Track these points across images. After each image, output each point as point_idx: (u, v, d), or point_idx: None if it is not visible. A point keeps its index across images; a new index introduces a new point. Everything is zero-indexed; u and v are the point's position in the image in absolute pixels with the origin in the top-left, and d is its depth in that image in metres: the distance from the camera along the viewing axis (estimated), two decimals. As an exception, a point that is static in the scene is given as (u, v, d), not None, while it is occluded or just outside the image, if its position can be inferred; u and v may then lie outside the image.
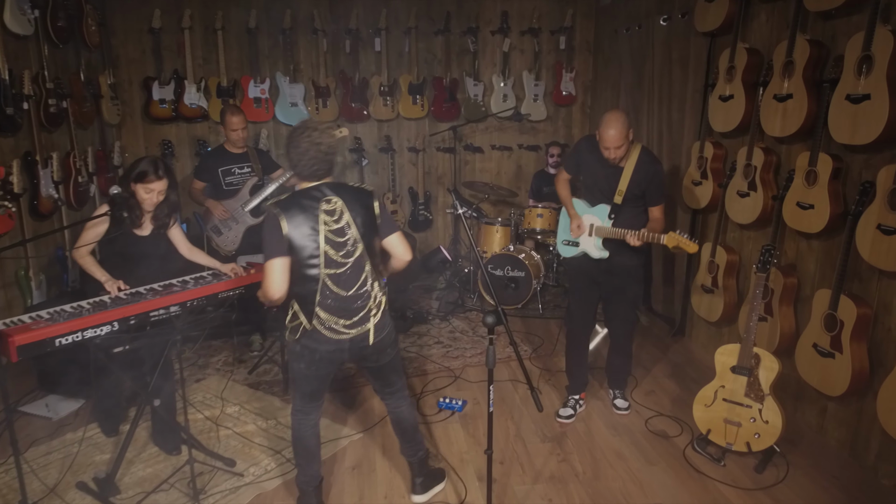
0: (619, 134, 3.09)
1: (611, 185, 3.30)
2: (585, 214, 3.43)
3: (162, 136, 5.73)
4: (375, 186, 6.25)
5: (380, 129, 6.18)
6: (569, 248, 3.53)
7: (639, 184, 3.26)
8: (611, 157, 3.16)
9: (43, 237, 4.20)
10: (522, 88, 6.29)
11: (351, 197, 2.48)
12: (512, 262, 5.24)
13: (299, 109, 5.81)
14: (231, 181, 4.29)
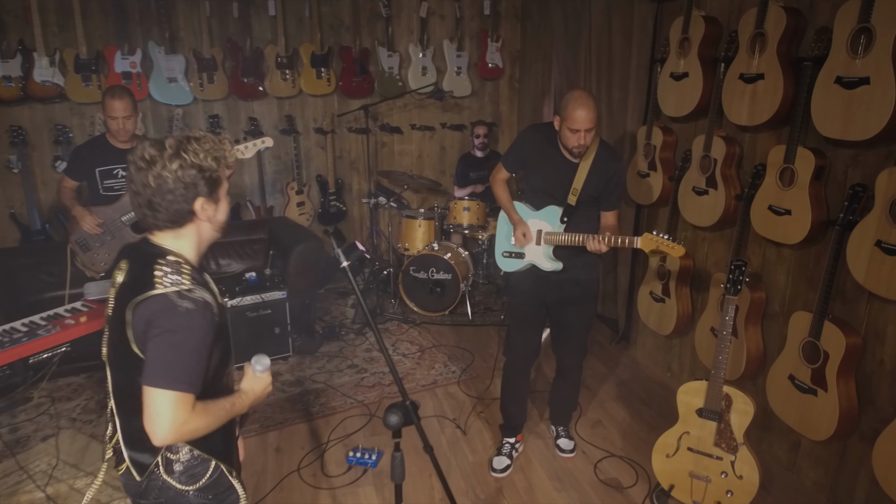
0: (592, 113, 2.50)
1: (564, 184, 2.69)
2: (531, 219, 2.80)
3: (10, 121, 4.67)
4: (279, 174, 5.42)
5: (280, 108, 5.32)
6: (511, 261, 2.89)
7: (596, 184, 2.66)
8: (580, 142, 2.54)
9: None
10: (444, 60, 5.56)
11: (128, 280, 1.49)
12: (437, 264, 4.58)
13: (180, 86, 4.88)
14: (111, 185, 3.37)
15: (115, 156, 3.37)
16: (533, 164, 2.78)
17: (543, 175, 2.75)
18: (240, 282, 3.98)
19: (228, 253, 4.55)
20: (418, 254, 4.63)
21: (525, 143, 2.80)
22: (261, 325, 3.91)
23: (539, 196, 2.80)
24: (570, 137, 2.54)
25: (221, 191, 1.55)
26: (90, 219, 3.27)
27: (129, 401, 1.47)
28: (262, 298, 3.89)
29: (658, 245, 2.42)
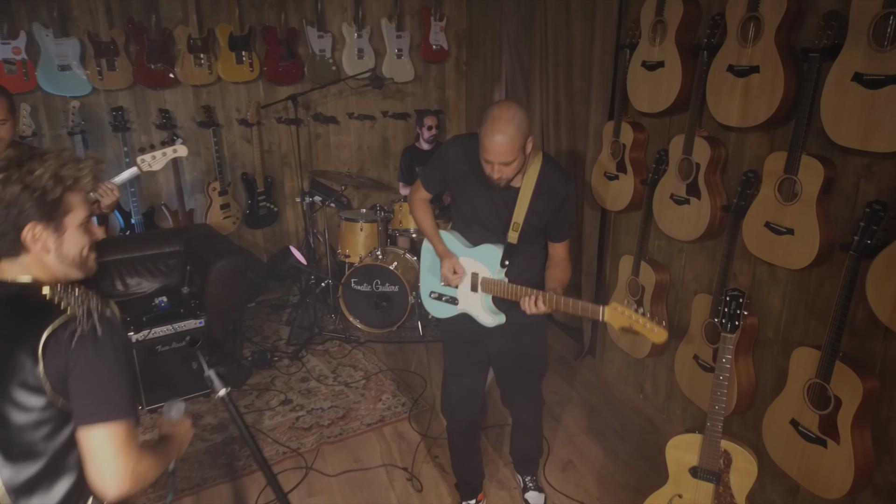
0: (510, 142, 1.93)
1: (501, 215, 2.19)
2: (464, 258, 2.29)
3: None
4: (199, 173, 4.78)
5: (196, 98, 4.66)
6: (441, 306, 2.40)
7: (542, 213, 2.16)
8: (494, 176, 2.03)
9: None
10: (382, 41, 4.99)
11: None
12: (381, 275, 4.08)
13: (74, 74, 4.16)
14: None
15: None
16: (460, 188, 2.25)
17: (474, 203, 2.23)
18: (148, 309, 3.39)
19: (137, 270, 3.93)
20: (360, 264, 4.11)
21: (447, 160, 2.23)
22: (175, 359, 3.35)
23: (471, 228, 2.29)
24: (486, 167, 2.04)
25: (69, 219, 1.36)
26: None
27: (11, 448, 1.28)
28: (175, 329, 3.32)
29: (631, 324, 1.92)
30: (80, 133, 4.24)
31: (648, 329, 1.89)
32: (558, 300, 2.03)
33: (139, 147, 4.43)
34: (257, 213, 4.92)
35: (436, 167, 2.30)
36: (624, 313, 1.91)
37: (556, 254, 2.28)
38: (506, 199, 2.16)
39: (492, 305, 2.27)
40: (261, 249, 5.17)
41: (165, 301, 3.44)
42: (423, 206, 2.41)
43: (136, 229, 4.47)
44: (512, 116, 1.94)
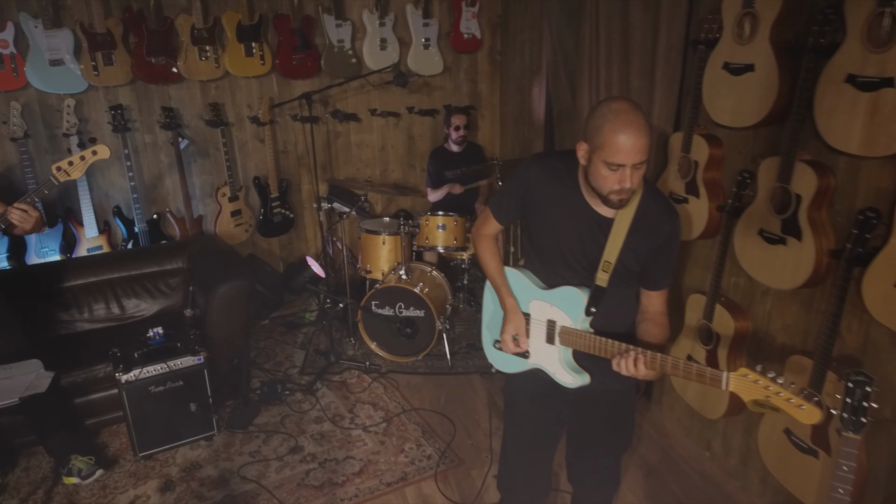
0: (644, 138, 1.54)
1: (588, 251, 1.75)
2: (538, 302, 1.85)
3: None
4: (208, 176, 4.36)
5: (204, 94, 4.23)
6: (507, 359, 1.97)
7: (639, 251, 1.72)
8: (624, 185, 1.58)
9: None
10: (407, 30, 4.48)
11: None
12: (406, 298, 3.63)
13: (68, 69, 3.75)
14: None
15: None
16: (539, 216, 1.82)
17: (556, 234, 1.79)
18: (141, 342, 2.99)
19: (136, 290, 3.54)
20: (383, 285, 3.66)
21: (526, 182, 1.81)
22: (171, 401, 2.95)
23: (549, 266, 1.85)
24: (608, 178, 1.59)
25: None
26: None
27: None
28: (170, 367, 2.92)
29: (769, 397, 1.45)
30: (76, 134, 3.85)
31: (794, 405, 1.42)
32: (664, 361, 1.59)
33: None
34: (271, 221, 4.49)
35: (511, 192, 1.87)
36: (758, 382, 1.43)
37: (652, 305, 1.82)
38: (595, 231, 1.73)
39: (573, 362, 1.83)
40: (276, 258, 4.76)
41: (161, 333, 3.03)
42: (491, 245, 1.99)
43: (139, 239, 4.09)
44: (635, 106, 1.57)
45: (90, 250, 3.99)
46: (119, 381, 2.82)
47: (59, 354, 3.09)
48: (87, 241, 3.99)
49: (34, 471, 2.91)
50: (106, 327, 3.43)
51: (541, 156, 1.87)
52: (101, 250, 4.03)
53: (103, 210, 4.12)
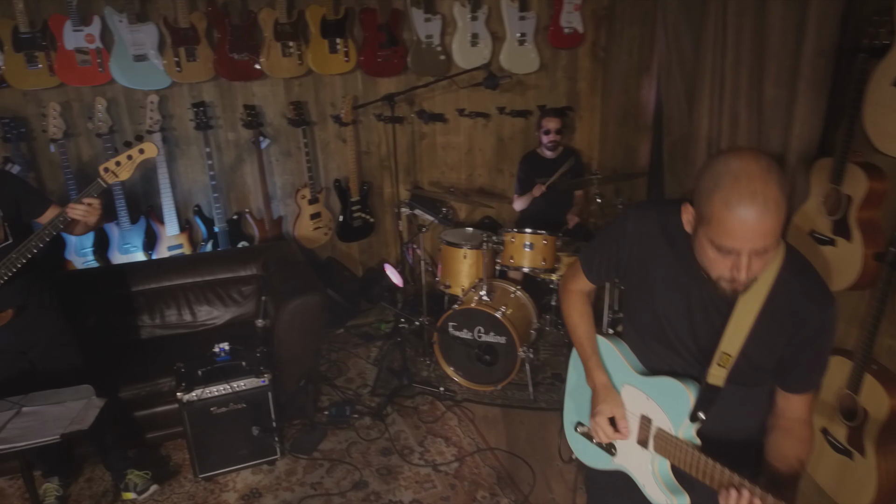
0: (771, 215, 1.12)
1: (700, 336, 1.36)
2: (630, 388, 1.49)
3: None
4: (290, 176, 4.21)
5: (287, 91, 4.06)
6: (589, 449, 1.63)
7: (771, 344, 1.30)
8: (736, 277, 1.19)
9: None
10: (502, 24, 4.12)
11: None
12: (486, 322, 3.32)
13: (152, 65, 3.67)
14: None
15: None
16: (638, 284, 1.45)
17: (658, 310, 1.41)
18: (206, 360, 2.85)
19: (207, 297, 3.42)
20: (461, 306, 3.36)
21: (624, 241, 1.44)
22: (233, 423, 2.79)
23: (649, 344, 1.47)
24: (716, 262, 1.20)
25: None
26: None
27: None
28: (233, 388, 2.76)
29: None
30: (159, 131, 3.77)
31: None
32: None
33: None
34: (351, 225, 4.29)
35: (605, 247, 1.52)
36: None
37: (790, 410, 1.38)
38: (711, 312, 1.33)
39: (669, 476, 1.45)
40: (356, 262, 4.57)
41: (227, 350, 2.88)
42: (580, 303, 1.64)
43: (219, 239, 4.00)
44: (766, 169, 1.13)
45: (171, 248, 3.94)
46: (181, 401, 2.68)
47: (125, 363, 3.02)
48: (168, 239, 3.93)
49: (97, 483, 2.84)
50: (176, 335, 3.33)
51: (645, 207, 1.48)
52: (181, 248, 3.97)
53: (185, 208, 4.06)
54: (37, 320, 2.39)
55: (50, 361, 2.46)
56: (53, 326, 2.46)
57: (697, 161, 2.99)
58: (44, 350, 2.44)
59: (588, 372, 1.57)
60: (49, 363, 2.46)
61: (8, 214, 2.27)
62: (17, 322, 2.31)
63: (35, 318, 2.39)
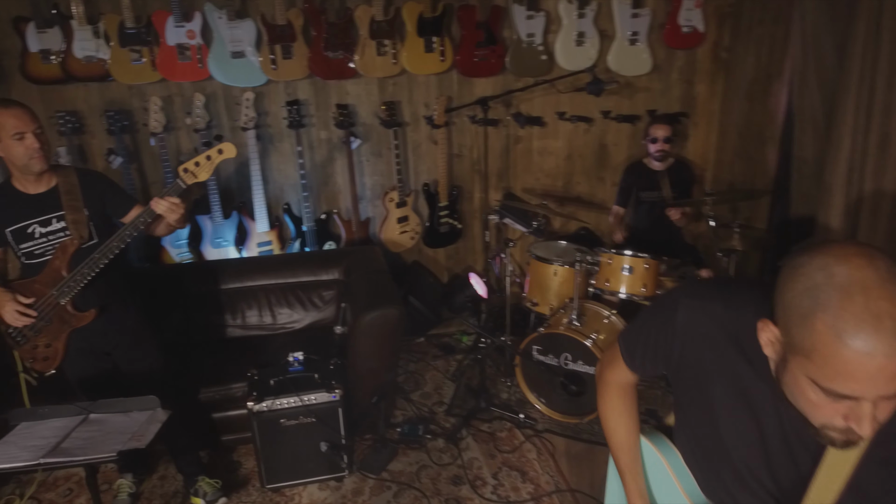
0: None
1: (780, 476, 1.05)
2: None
3: (63, 104, 3.77)
4: (380, 177, 4.11)
5: (381, 91, 3.94)
6: None
7: (879, 494, 0.97)
8: (861, 432, 0.86)
9: None
10: (611, 21, 3.80)
11: None
12: (574, 349, 3.05)
13: (248, 62, 3.66)
14: (30, 249, 2.22)
15: (25, 207, 2.22)
16: (696, 389, 1.13)
17: (723, 433, 1.10)
18: (279, 369, 2.77)
19: (288, 300, 3.37)
20: (547, 330, 3.11)
21: (674, 335, 1.13)
22: (302, 436, 2.71)
23: (710, 469, 1.16)
24: (822, 407, 0.88)
25: None
26: (11, 305, 2.17)
27: None
28: (303, 401, 2.66)
29: None
30: (254, 128, 3.77)
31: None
32: None
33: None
34: (437, 231, 4.13)
35: (651, 334, 1.20)
36: None
37: None
38: (797, 449, 1.01)
39: None
40: (441, 268, 4.42)
41: (300, 361, 2.80)
42: (619, 400, 1.33)
43: (306, 239, 3.96)
44: (889, 277, 0.80)
45: (260, 245, 3.94)
46: (251, 410, 2.62)
47: (205, 363, 3.01)
48: (258, 236, 3.93)
49: (169, 482, 2.84)
50: (255, 336, 3.30)
51: (702, 296, 1.10)
52: (269, 245, 3.97)
53: (275, 205, 4.05)
54: (120, 321, 2.39)
55: (131, 362, 2.46)
56: (135, 326, 2.46)
57: (835, 187, 2.58)
58: (125, 350, 2.44)
59: (627, 494, 1.27)
60: (130, 363, 2.46)
61: (94, 213, 2.27)
62: (99, 322, 2.30)
63: (118, 319, 2.38)
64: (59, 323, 2.23)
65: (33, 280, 2.20)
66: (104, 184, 2.34)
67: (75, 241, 2.19)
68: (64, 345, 2.27)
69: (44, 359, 2.27)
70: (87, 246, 2.24)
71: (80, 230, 2.21)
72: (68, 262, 2.19)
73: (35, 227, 2.18)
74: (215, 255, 3.95)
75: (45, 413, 2.04)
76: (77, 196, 2.22)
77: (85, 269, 2.19)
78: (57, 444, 1.85)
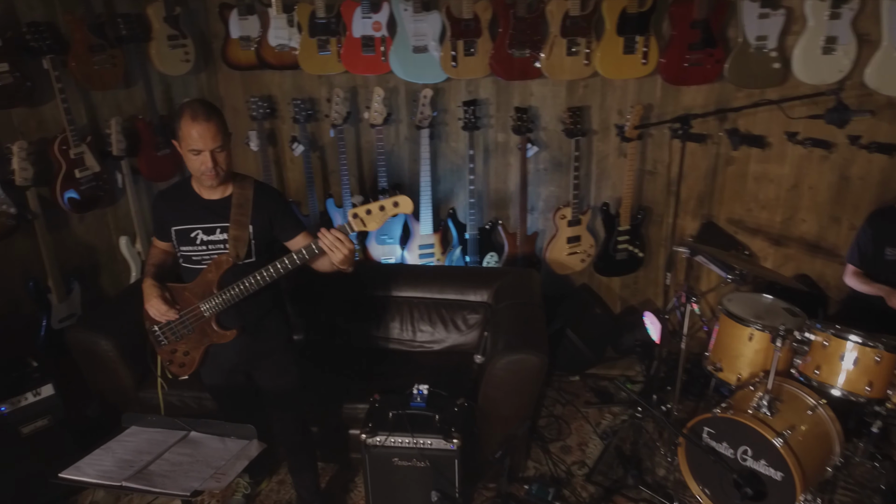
0: None
1: None
2: None
3: (259, 89, 3.92)
4: (555, 188, 3.69)
5: (570, 93, 3.49)
6: None
7: None
8: None
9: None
10: (877, 24, 2.91)
11: None
12: (757, 445, 2.39)
13: (429, 58, 3.44)
14: (188, 253, 2.17)
15: (195, 210, 2.14)
16: None
17: None
18: (401, 401, 2.54)
19: (431, 317, 3.14)
20: (724, 413, 2.48)
21: None
22: (413, 480, 2.46)
23: None
24: None
25: None
26: (157, 302, 2.14)
27: None
28: (418, 444, 2.41)
29: None
30: (428, 127, 3.57)
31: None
32: None
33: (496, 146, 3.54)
34: (613, 258, 3.62)
35: None
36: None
37: None
38: None
39: None
40: (615, 297, 3.90)
41: (424, 396, 2.54)
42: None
43: (468, 247, 3.71)
44: None
45: (422, 247, 3.78)
46: (364, 443, 2.43)
47: (343, 375, 2.89)
48: (421, 238, 3.77)
49: (287, 488, 2.79)
50: (393, 350, 3.13)
51: None
52: (431, 249, 3.79)
53: (441, 209, 3.85)
54: (260, 344, 2.28)
55: (266, 381, 2.36)
56: (276, 353, 2.33)
57: None
58: (262, 371, 2.34)
59: None
60: (265, 381, 2.36)
61: (258, 232, 2.12)
62: (239, 342, 2.20)
63: (259, 342, 2.27)
64: (199, 334, 2.19)
65: (185, 287, 2.17)
66: (277, 204, 2.18)
67: (230, 258, 2.10)
68: (201, 356, 2.24)
69: (180, 365, 2.26)
70: (244, 264, 2.13)
71: (239, 248, 2.10)
72: (219, 279, 2.11)
73: (199, 233, 2.12)
74: (379, 251, 3.88)
75: (153, 422, 2.02)
76: (246, 212, 2.10)
77: (235, 290, 2.08)
78: (146, 465, 1.79)
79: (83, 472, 1.77)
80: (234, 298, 2.09)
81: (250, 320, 2.21)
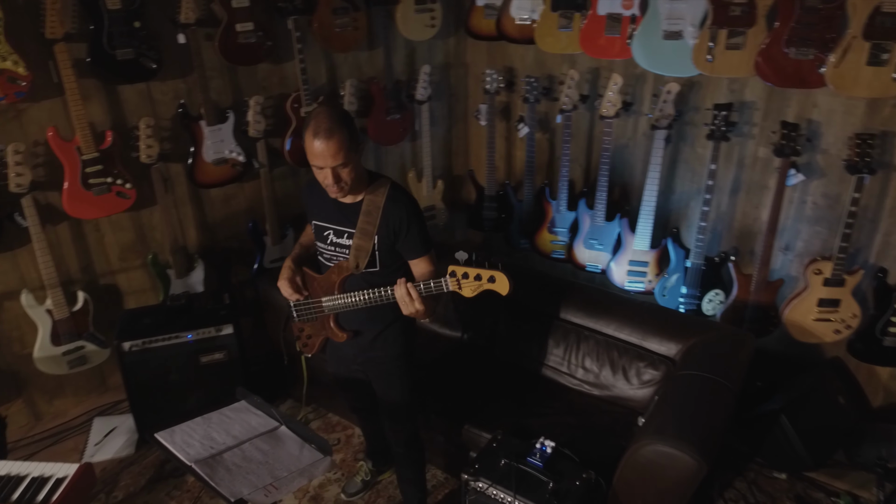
0: None
1: None
2: None
3: (503, 60, 3.73)
4: (821, 230, 2.85)
5: (870, 113, 2.57)
6: None
7: None
8: None
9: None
10: None
11: None
12: None
13: (680, 46, 2.81)
14: (321, 248, 2.13)
15: (331, 210, 2.05)
16: None
17: None
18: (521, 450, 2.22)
19: (600, 355, 2.68)
20: None
21: None
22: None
23: None
24: None
25: None
26: (284, 283, 2.13)
27: None
28: None
29: None
30: (665, 129, 3.00)
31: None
32: None
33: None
34: (880, 341, 2.69)
35: None
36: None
37: None
38: None
39: None
40: (878, 387, 2.97)
41: (548, 453, 2.19)
42: None
43: (687, 277, 3.12)
44: None
45: (632, 263, 3.32)
46: (465, 483, 2.21)
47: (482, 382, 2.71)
48: (633, 252, 3.31)
49: (407, 485, 2.73)
50: (547, 378, 2.78)
51: None
52: (645, 268, 3.30)
53: (664, 225, 3.27)
54: (372, 352, 2.20)
55: (378, 388, 2.29)
56: (386, 362, 2.23)
57: None
58: (373, 378, 2.27)
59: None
60: (377, 388, 2.30)
61: (382, 243, 2.00)
62: (352, 345, 2.17)
63: (371, 349, 2.19)
64: (319, 325, 2.18)
65: (315, 278, 2.16)
66: (406, 219, 1.99)
67: (350, 268, 2.02)
68: (321, 344, 2.24)
69: (304, 344, 2.29)
70: (367, 272, 2.04)
71: (360, 258, 2.00)
72: (341, 283, 2.06)
73: (330, 234, 2.08)
74: (585, 256, 3.50)
75: (257, 403, 2.07)
76: (374, 221, 1.98)
77: (354, 298, 2.01)
78: (223, 451, 1.84)
79: (173, 438, 1.88)
80: (352, 306, 2.01)
81: (367, 328, 2.12)
